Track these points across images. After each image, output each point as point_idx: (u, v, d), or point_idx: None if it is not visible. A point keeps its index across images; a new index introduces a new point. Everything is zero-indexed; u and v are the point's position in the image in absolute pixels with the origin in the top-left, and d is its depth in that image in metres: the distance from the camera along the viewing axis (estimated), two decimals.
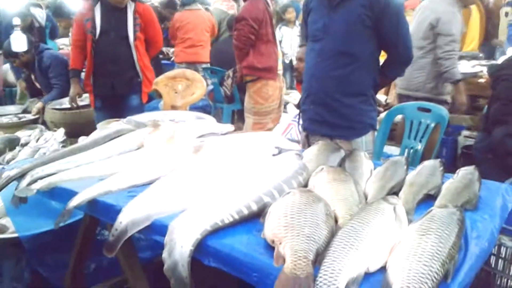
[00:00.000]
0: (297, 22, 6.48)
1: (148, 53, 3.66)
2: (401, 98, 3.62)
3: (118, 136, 2.16)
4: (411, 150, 2.89)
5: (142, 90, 3.63)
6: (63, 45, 6.99)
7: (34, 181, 1.78)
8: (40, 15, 5.84)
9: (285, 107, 4.52)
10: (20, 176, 1.84)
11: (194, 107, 4.87)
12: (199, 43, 5.53)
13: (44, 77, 4.56)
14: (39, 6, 6.43)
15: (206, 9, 6.38)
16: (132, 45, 3.46)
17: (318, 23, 2.33)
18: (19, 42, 4.31)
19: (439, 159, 1.75)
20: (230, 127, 2.42)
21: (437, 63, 3.39)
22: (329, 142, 2.00)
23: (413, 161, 2.82)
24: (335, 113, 2.35)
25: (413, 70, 3.45)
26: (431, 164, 1.71)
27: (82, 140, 2.22)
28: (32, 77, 4.70)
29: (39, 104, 4.39)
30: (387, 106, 4.68)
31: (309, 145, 2.26)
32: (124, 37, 3.45)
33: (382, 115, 3.93)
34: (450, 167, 4.04)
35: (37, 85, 4.70)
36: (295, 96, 5.32)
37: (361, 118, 2.37)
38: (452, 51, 3.36)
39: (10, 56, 4.51)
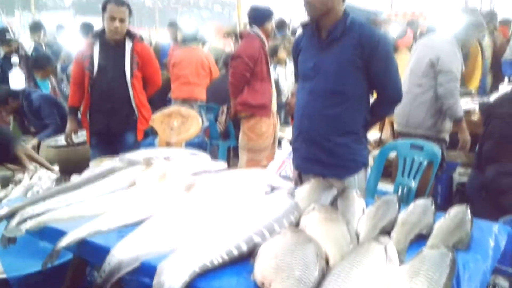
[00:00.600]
0: (287, 60, 6.61)
1: (146, 91, 3.69)
2: (400, 135, 3.62)
3: (111, 174, 2.16)
4: (405, 188, 2.89)
5: (138, 127, 3.64)
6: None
7: (24, 220, 1.76)
8: (27, 45, 5.90)
9: (279, 144, 4.53)
10: (10, 216, 1.82)
11: (190, 144, 4.89)
12: (194, 81, 5.59)
13: (37, 119, 4.59)
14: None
15: (203, 44, 6.48)
16: (129, 83, 3.50)
17: (309, 62, 2.37)
18: (17, 79, 4.37)
19: (430, 198, 1.75)
20: (223, 164, 2.42)
21: (437, 101, 3.40)
22: (322, 180, 1.99)
23: (407, 199, 2.82)
24: (327, 152, 2.36)
25: (412, 107, 3.47)
26: (423, 203, 1.71)
27: (75, 179, 2.21)
28: (25, 122, 4.72)
29: (34, 141, 4.40)
30: (381, 143, 4.71)
31: (301, 183, 2.25)
32: (121, 75, 3.49)
33: (376, 152, 3.96)
34: (445, 204, 4.05)
35: (32, 129, 4.71)
36: (290, 132, 5.34)
37: (353, 156, 2.37)
38: (454, 89, 3.36)
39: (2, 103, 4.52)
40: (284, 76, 6.60)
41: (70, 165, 4.01)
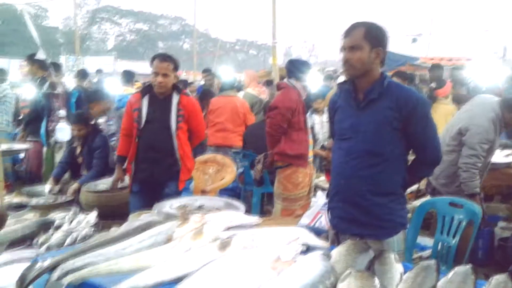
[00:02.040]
0: (325, 109, 6.73)
1: (191, 143, 3.82)
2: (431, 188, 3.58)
3: (149, 228, 2.20)
4: (445, 245, 2.81)
5: (180, 177, 3.73)
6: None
7: (65, 274, 1.82)
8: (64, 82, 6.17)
9: (314, 194, 4.51)
10: (52, 268, 1.88)
11: (224, 189, 4.94)
12: (229, 127, 5.69)
13: (89, 156, 4.76)
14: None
15: (238, 91, 6.64)
16: (173, 134, 3.63)
17: (346, 122, 2.38)
18: (64, 133, 4.59)
19: (470, 265, 1.70)
20: (257, 219, 2.44)
21: (456, 165, 3.39)
22: (358, 242, 1.97)
23: (446, 257, 2.74)
24: (365, 212, 2.33)
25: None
26: (463, 271, 1.66)
27: (114, 231, 2.27)
28: (78, 150, 4.89)
29: (75, 186, 4.54)
30: (419, 193, 4.62)
31: (338, 243, 2.23)
32: (166, 127, 3.63)
33: (414, 203, 3.88)
34: (486, 259, 3.91)
35: (79, 159, 4.88)
36: (324, 181, 5.32)
37: (391, 217, 2.34)
38: (472, 165, 3.34)
39: (81, 122, 4.75)
40: (320, 124, 6.66)
41: (109, 210, 4.11)
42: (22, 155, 6.24)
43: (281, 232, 2.14)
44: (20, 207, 4.24)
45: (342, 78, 8.20)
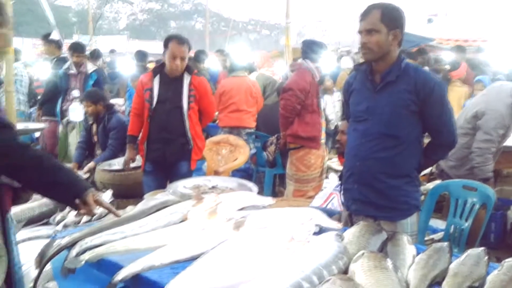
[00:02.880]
0: (334, 88, 6.74)
1: (201, 123, 3.84)
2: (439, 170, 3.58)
3: (164, 207, 2.24)
4: (457, 228, 2.82)
5: (192, 157, 3.76)
6: (117, 105, 7.40)
7: (83, 251, 1.87)
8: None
9: (327, 176, 4.52)
10: (70, 245, 1.93)
11: (236, 170, 4.97)
12: (243, 108, 5.69)
13: (105, 136, 4.80)
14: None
15: (250, 72, 6.62)
16: (185, 115, 3.65)
17: (362, 104, 2.38)
18: (76, 113, 4.62)
19: (483, 248, 1.71)
20: (270, 200, 2.47)
21: (468, 149, 3.37)
22: (371, 223, 1.99)
23: (459, 240, 2.75)
24: (380, 194, 2.34)
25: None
26: (476, 254, 1.68)
27: (130, 210, 2.32)
28: (93, 128, 4.94)
29: (91, 164, 4.60)
30: (432, 175, 4.60)
31: (351, 224, 2.25)
32: (178, 107, 3.65)
33: (427, 185, 3.87)
34: (499, 243, 3.90)
35: (94, 138, 4.94)
36: (337, 162, 5.32)
37: (406, 199, 2.35)
38: (486, 150, 3.32)
39: (90, 99, 4.79)
40: (331, 104, 6.65)
41: (124, 189, 4.18)
42: (37, 134, 6.32)
43: (294, 213, 2.17)
44: None
45: (346, 59, 8.16)
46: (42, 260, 1.95)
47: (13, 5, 5.28)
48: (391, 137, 2.29)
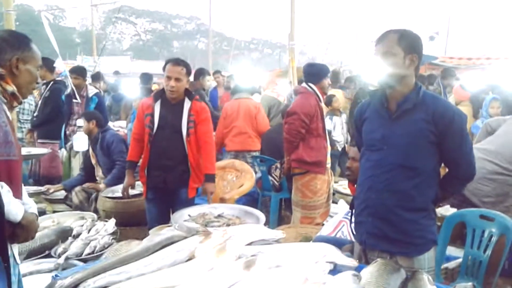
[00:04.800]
0: (341, 110, 6.73)
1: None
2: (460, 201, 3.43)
3: (170, 243, 2.15)
4: (476, 260, 2.70)
5: (190, 185, 3.65)
6: (120, 128, 7.36)
7: None
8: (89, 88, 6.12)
9: (333, 200, 4.42)
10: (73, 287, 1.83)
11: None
12: (246, 131, 5.61)
13: (103, 154, 4.74)
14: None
15: (254, 93, 6.57)
16: (184, 140, 3.57)
17: (376, 133, 2.28)
18: (80, 142, 4.58)
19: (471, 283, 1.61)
20: (280, 233, 2.36)
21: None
22: (389, 261, 1.88)
23: (477, 273, 2.64)
24: (396, 228, 2.24)
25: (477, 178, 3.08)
26: None
27: (135, 245, 2.22)
28: (90, 151, 4.87)
29: (102, 186, 4.54)
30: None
31: (366, 260, 2.14)
32: (178, 133, 3.57)
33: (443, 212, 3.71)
34: None
35: (92, 160, 4.86)
36: (344, 185, 5.23)
37: (422, 233, 2.24)
38: None
39: (85, 116, 4.81)
40: (340, 126, 6.59)
41: (126, 217, 4.09)
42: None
43: (307, 249, 2.06)
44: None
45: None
46: None
47: (17, 27, 5.26)
48: (408, 168, 2.20)
